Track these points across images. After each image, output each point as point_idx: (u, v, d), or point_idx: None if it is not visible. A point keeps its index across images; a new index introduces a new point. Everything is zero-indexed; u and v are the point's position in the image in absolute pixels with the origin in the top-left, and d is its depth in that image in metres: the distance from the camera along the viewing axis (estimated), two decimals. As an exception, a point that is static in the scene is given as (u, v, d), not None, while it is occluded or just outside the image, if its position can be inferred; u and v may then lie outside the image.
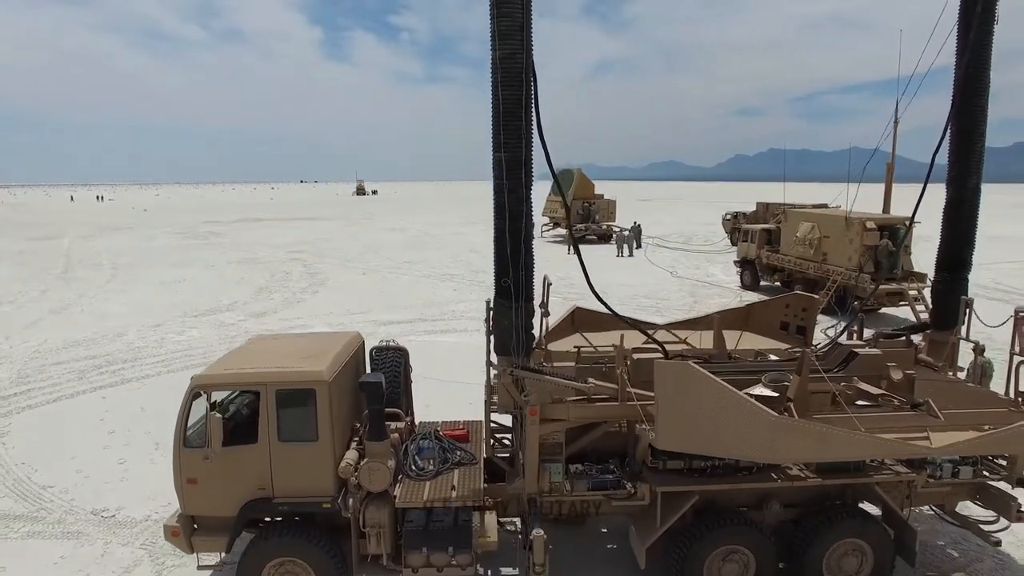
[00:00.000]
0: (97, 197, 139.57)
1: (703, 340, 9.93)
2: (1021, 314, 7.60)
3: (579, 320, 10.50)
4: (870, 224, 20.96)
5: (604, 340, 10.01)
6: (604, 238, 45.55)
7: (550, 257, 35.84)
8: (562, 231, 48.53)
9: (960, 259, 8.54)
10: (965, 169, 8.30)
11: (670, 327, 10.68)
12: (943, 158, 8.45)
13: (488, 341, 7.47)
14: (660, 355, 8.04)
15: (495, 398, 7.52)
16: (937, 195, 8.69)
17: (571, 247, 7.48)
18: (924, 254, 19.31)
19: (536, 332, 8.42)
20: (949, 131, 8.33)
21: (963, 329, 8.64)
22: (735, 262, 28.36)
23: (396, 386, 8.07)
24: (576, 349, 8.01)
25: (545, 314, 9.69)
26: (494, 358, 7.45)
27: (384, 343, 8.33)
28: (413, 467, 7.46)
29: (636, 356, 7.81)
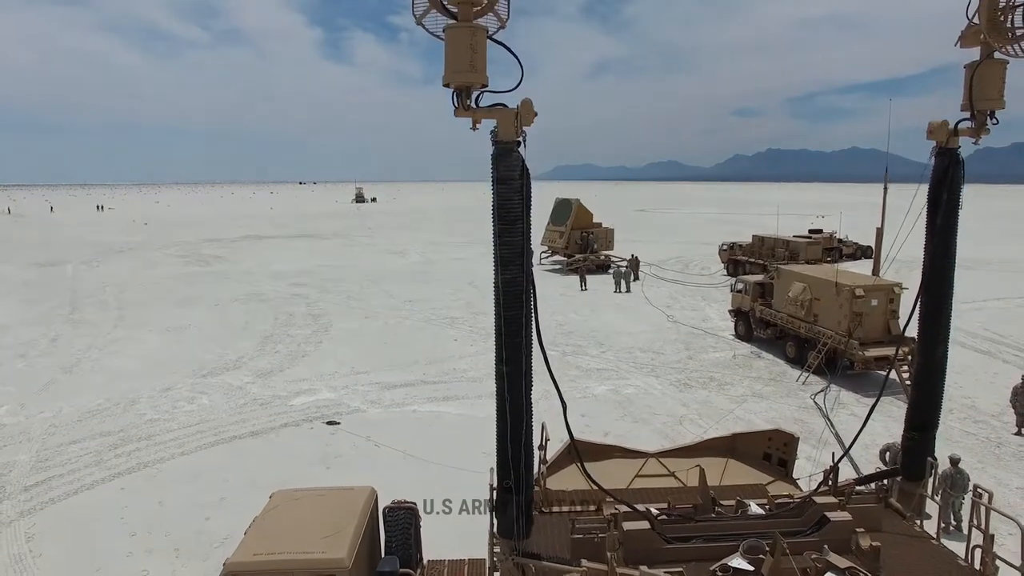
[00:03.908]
0: (97, 207, 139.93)
1: (690, 474, 10.63)
2: (979, 489, 8.26)
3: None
4: (859, 292, 21.64)
5: (600, 471, 10.70)
6: (603, 267, 46.17)
7: (549, 295, 36.49)
8: (560, 258, 49.22)
9: (929, 420, 9.24)
10: (933, 339, 9.00)
11: (660, 455, 11.37)
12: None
13: (491, 523, 8.17)
14: (648, 525, 8.67)
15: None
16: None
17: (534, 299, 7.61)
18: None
19: (536, 467, 9.18)
20: (920, 303, 9.04)
21: (929, 484, 9.33)
22: (730, 311, 29.03)
23: (408, 547, 8.73)
24: (572, 521, 8.64)
25: (543, 460, 10.40)
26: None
27: (395, 503, 9.01)
28: (424, 628, 8.15)
29: (626, 526, 8.45)
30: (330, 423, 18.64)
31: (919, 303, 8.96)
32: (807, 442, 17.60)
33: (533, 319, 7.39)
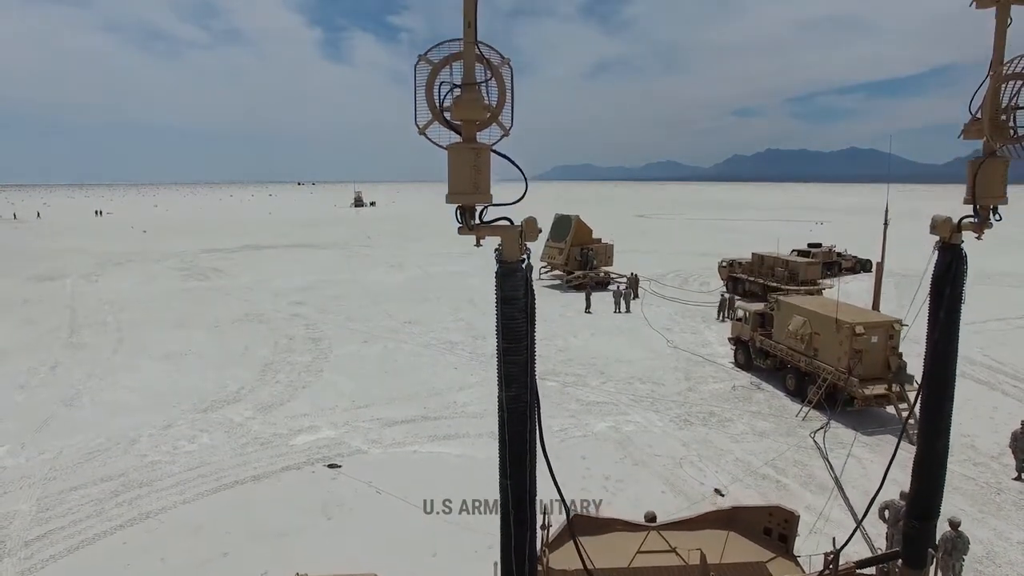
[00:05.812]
0: (96, 212, 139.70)
1: (691, 552, 10.63)
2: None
3: (576, 527, 11.15)
4: (859, 329, 21.66)
5: (601, 547, 10.74)
6: (602, 284, 46.12)
7: (549, 315, 36.43)
8: (559, 273, 49.19)
9: (930, 509, 9.25)
10: (935, 430, 9.01)
11: (661, 528, 11.38)
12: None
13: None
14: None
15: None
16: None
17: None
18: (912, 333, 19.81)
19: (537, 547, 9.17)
20: (921, 396, 9.06)
21: (931, 572, 9.35)
22: (729, 339, 29.06)
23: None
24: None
25: (545, 541, 10.41)
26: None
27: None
28: None
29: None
30: (331, 466, 18.63)
31: (920, 397, 8.99)
32: (806, 487, 17.69)
33: (537, 433, 7.38)
